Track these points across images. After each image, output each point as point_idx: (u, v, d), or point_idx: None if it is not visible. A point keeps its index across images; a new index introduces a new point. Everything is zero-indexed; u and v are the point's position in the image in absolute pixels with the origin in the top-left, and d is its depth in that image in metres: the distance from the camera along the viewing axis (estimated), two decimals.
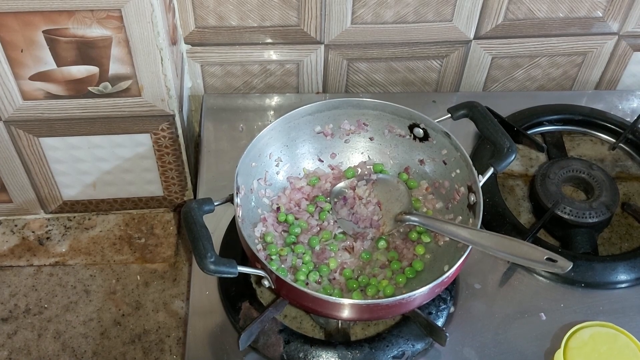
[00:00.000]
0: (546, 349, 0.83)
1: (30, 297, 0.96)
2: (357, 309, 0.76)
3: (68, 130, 0.93)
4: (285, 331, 0.83)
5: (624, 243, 0.96)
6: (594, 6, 1.05)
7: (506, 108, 1.07)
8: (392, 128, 0.93)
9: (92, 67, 0.85)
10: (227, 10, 1.00)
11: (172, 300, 0.96)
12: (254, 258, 0.78)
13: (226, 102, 1.11)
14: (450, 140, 0.88)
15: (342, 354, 0.81)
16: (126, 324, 0.94)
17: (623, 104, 1.14)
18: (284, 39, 1.05)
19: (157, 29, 0.82)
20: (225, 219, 0.92)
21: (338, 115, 0.93)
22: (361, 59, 1.09)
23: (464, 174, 0.87)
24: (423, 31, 1.05)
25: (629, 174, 1.05)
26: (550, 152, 1.05)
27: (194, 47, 1.05)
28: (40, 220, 1.05)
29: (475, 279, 0.90)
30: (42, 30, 0.80)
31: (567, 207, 0.94)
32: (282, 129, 0.90)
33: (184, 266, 1.00)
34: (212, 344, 0.84)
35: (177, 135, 0.96)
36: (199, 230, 0.75)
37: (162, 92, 0.89)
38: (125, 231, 1.04)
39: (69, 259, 1.00)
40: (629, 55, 1.13)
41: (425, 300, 0.79)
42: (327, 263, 0.86)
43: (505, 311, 0.87)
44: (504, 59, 1.12)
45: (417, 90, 1.15)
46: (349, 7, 1.01)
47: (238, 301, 0.85)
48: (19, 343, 0.92)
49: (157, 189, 1.04)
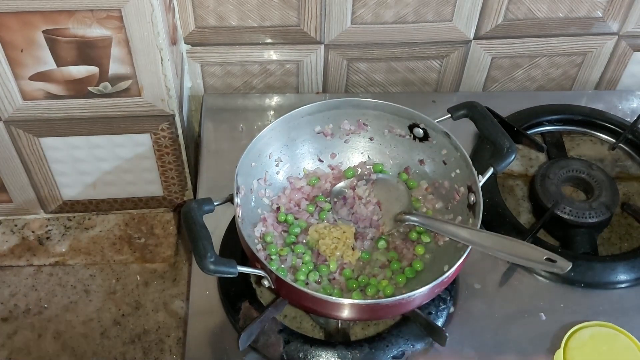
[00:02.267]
0: (546, 349, 0.83)
1: (30, 297, 0.96)
2: (357, 309, 0.76)
3: (68, 130, 0.93)
4: (285, 331, 0.83)
5: (623, 243, 0.96)
6: (594, 6, 1.05)
7: (506, 108, 1.07)
8: (392, 128, 0.93)
9: (92, 67, 0.85)
10: (227, 10, 1.00)
11: (172, 300, 0.96)
12: (253, 258, 0.78)
13: (226, 102, 1.11)
14: (450, 140, 0.88)
15: (342, 354, 0.81)
16: (126, 324, 0.94)
17: (623, 104, 1.14)
18: (284, 39, 1.05)
19: (157, 29, 0.82)
20: (225, 219, 0.92)
21: (338, 115, 0.93)
22: (361, 59, 1.09)
23: (463, 174, 0.87)
24: (423, 31, 1.05)
25: (628, 174, 1.05)
26: (550, 152, 1.05)
27: (194, 47, 1.05)
28: (40, 220, 1.05)
29: (475, 279, 0.90)
30: (42, 30, 0.80)
31: (567, 207, 0.94)
32: (282, 129, 0.90)
33: (184, 266, 1.00)
34: (212, 344, 0.84)
35: (177, 135, 0.96)
36: (199, 230, 0.75)
37: (162, 92, 0.89)
38: (125, 231, 1.04)
39: (69, 259, 1.00)
40: (628, 55, 1.13)
41: (425, 300, 0.79)
42: (327, 263, 0.86)
43: (505, 311, 0.87)
44: (503, 59, 1.12)
45: (417, 90, 1.15)
46: (349, 7, 1.01)
47: (238, 301, 0.85)
48: (19, 343, 0.92)
49: (157, 189, 1.04)
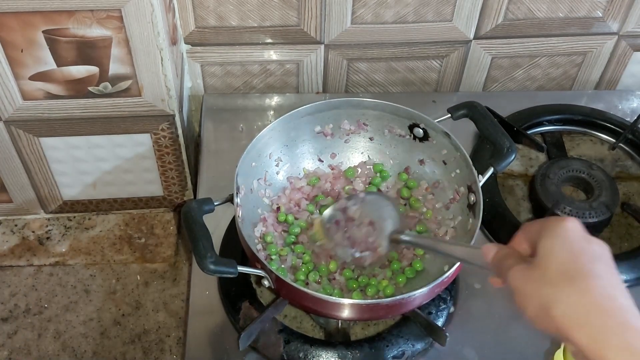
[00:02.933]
0: (546, 349, 0.83)
1: (30, 297, 0.96)
2: (357, 309, 0.76)
3: (68, 130, 0.93)
4: (285, 331, 0.83)
5: (623, 243, 0.96)
6: (594, 6, 1.05)
7: (506, 108, 1.07)
8: (392, 128, 0.93)
9: (92, 67, 0.85)
10: (227, 10, 1.00)
11: (172, 300, 0.96)
12: (254, 258, 0.78)
13: (226, 102, 1.11)
14: (450, 140, 0.88)
15: (342, 354, 0.81)
16: (126, 324, 0.94)
17: (623, 104, 1.14)
18: (284, 39, 1.05)
19: (157, 29, 0.81)
20: (225, 219, 0.92)
21: (338, 115, 0.93)
22: (361, 59, 1.09)
23: (464, 174, 0.87)
24: (423, 31, 1.05)
25: (628, 174, 1.05)
26: (550, 152, 1.05)
27: (194, 47, 1.05)
28: (40, 220, 1.05)
29: (475, 279, 0.90)
30: (42, 30, 0.80)
31: (567, 207, 0.94)
32: (282, 128, 0.90)
33: (184, 266, 1.00)
34: (212, 344, 0.84)
35: (177, 135, 0.96)
36: (199, 230, 0.75)
37: (162, 92, 0.89)
38: (125, 231, 1.04)
39: (69, 259, 1.00)
40: (628, 55, 1.13)
41: (425, 300, 0.79)
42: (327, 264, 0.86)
43: (505, 311, 0.87)
44: (503, 59, 1.12)
45: (417, 90, 1.15)
46: (349, 7, 1.01)
47: (238, 301, 0.85)
48: (19, 343, 0.92)
49: (157, 189, 1.04)
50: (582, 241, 0.55)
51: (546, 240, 0.56)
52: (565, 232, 0.56)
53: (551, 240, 0.56)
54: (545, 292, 0.53)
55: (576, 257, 0.54)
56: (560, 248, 0.55)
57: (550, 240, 0.56)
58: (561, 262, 0.54)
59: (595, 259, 0.54)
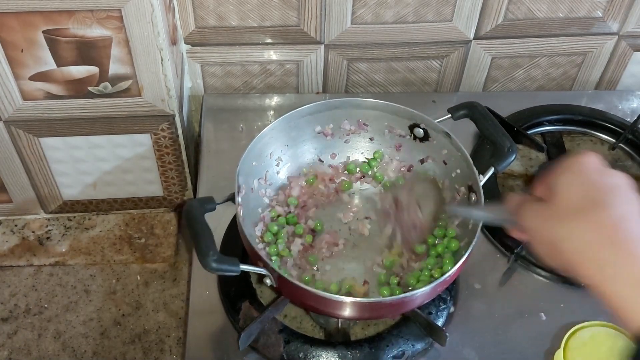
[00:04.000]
0: (546, 349, 0.83)
1: (30, 297, 0.96)
2: (359, 307, 0.76)
3: (68, 130, 0.93)
4: (285, 331, 0.83)
5: None
6: (594, 6, 1.05)
7: (506, 108, 1.07)
8: (392, 128, 0.93)
9: (92, 67, 0.85)
10: (227, 10, 1.00)
11: (172, 300, 0.96)
12: (256, 256, 0.78)
13: (226, 102, 1.11)
14: (450, 140, 0.88)
15: (342, 354, 0.81)
16: (126, 324, 0.94)
17: (623, 104, 1.14)
18: (284, 39, 1.05)
19: (157, 29, 0.82)
20: (225, 219, 0.92)
21: (338, 115, 0.93)
22: (361, 59, 1.09)
23: (464, 173, 0.87)
24: (423, 31, 1.05)
25: (629, 174, 1.05)
26: (550, 152, 1.05)
27: (194, 47, 1.05)
28: (40, 220, 1.05)
29: (475, 279, 0.90)
30: (42, 30, 0.80)
31: None
32: (282, 128, 0.90)
33: (184, 266, 1.00)
34: (212, 344, 0.84)
35: (177, 135, 0.96)
36: (201, 229, 0.75)
37: (162, 92, 0.89)
38: (125, 231, 1.04)
39: (69, 259, 1.00)
40: (628, 55, 1.14)
41: (426, 300, 0.79)
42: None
43: (505, 311, 0.87)
44: (503, 59, 1.12)
45: (417, 90, 1.16)
46: (349, 7, 1.01)
47: (238, 301, 0.85)
48: (19, 343, 0.92)
49: (157, 189, 1.04)
50: (596, 174, 0.53)
51: (560, 177, 0.54)
52: (579, 167, 0.54)
53: (564, 176, 0.54)
54: (555, 228, 0.51)
55: (587, 190, 0.52)
56: (572, 183, 0.53)
57: (563, 177, 0.54)
58: (572, 196, 0.52)
59: (608, 191, 0.52)
